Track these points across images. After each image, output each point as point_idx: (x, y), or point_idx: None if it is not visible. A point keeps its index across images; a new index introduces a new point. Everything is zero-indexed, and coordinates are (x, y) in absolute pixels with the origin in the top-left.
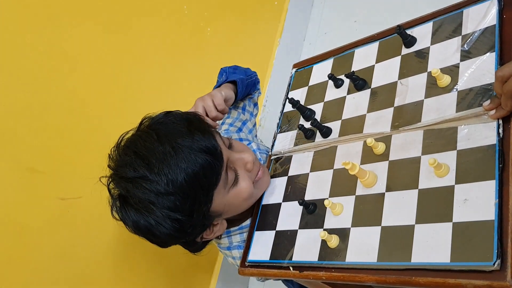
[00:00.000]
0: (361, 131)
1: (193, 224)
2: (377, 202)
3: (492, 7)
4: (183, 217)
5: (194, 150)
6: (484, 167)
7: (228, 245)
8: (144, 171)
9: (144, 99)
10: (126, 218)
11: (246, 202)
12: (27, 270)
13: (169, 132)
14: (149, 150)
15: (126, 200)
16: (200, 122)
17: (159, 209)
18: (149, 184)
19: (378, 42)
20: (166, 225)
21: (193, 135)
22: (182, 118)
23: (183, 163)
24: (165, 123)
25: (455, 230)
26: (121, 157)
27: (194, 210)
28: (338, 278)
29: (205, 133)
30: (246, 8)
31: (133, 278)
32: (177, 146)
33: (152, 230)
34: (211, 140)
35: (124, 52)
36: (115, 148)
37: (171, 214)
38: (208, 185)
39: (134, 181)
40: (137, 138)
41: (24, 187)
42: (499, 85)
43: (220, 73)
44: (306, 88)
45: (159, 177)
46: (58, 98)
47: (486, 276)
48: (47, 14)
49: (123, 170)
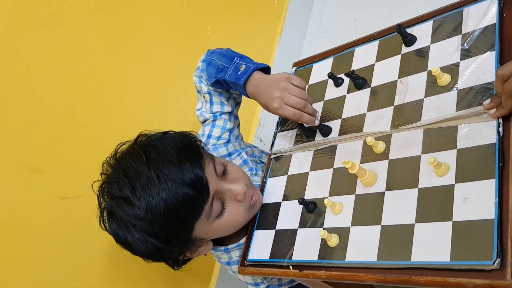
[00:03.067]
0: (361, 130)
1: (170, 250)
2: (377, 201)
3: (492, 5)
4: (160, 244)
5: (177, 182)
6: (484, 166)
7: (228, 260)
8: (127, 192)
9: (144, 98)
10: (108, 229)
11: (232, 230)
12: (26, 269)
13: (157, 158)
14: (135, 172)
15: (111, 214)
16: (192, 150)
17: (138, 231)
18: (130, 208)
19: (378, 41)
20: (143, 246)
21: (181, 165)
22: (174, 145)
23: (164, 193)
24: (156, 147)
25: (455, 229)
26: (112, 172)
27: (172, 239)
28: (338, 277)
29: (194, 164)
30: (246, 7)
31: (131, 278)
32: (162, 176)
33: (131, 246)
34: (198, 171)
35: (123, 51)
36: (110, 159)
37: (148, 238)
38: (188, 218)
39: (118, 200)
40: (128, 155)
41: (24, 186)
42: (499, 84)
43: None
44: (306, 87)
45: (140, 202)
46: (58, 97)
47: (486, 275)
48: (47, 14)
49: (111, 187)
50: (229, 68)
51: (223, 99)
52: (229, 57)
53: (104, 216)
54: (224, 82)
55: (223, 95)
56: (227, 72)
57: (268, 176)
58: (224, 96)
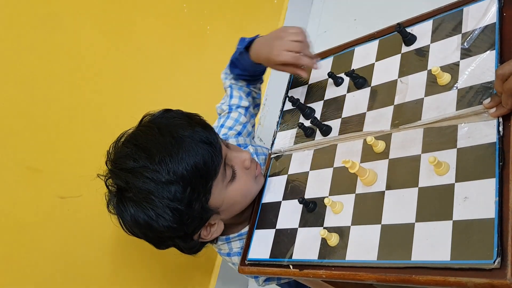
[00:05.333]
0: (361, 129)
1: (192, 215)
2: (377, 201)
3: (492, 5)
4: (182, 207)
5: (195, 140)
6: (484, 165)
7: (228, 251)
8: (144, 161)
9: (144, 98)
10: (123, 213)
11: (244, 200)
12: (26, 268)
13: (170, 124)
14: (150, 141)
15: (125, 194)
16: (200, 119)
17: (159, 199)
18: (150, 173)
19: (378, 40)
20: (166, 215)
21: (194, 127)
22: (182, 114)
23: (184, 153)
24: (166, 118)
25: (455, 228)
26: (121, 150)
27: (193, 200)
28: (338, 276)
29: (205, 127)
30: (246, 6)
31: (132, 276)
32: (179, 137)
33: (151, 223)
34: (211, 133)
35: (123, 51)
36: (115, 144)
37: (170, 203)
38: (207, 176)
39: (134, 171)
40: (137, 132)
41: (24, 186)
42: (499, 83)
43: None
44: (306, 87)
45: (160, 166)
46: (57, 97)
47: (486, 274)
48: (47, 14)
49: (122, 161)
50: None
51: (242, 93)
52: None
53: (115, 202)
54: (237, 61)
55: (242, 89)
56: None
57: (268, 176)
58: (243, 91)
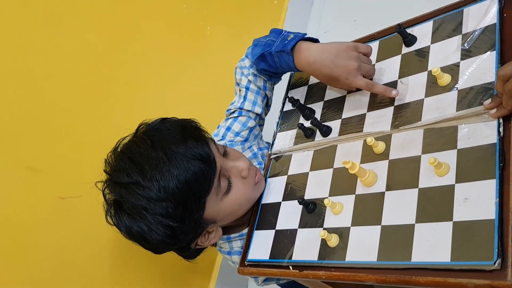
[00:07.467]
0: (361, 130)
1: (185, 231)
2: (377, 201)
3: (493, 5)
4: (175, 223)
5: (187, 157)
6: (485, 166)
7: (229, 250)
8: (137, 177)
9: (144, 98)
10: (119, 224)
11: (242, 207)
12: (26, 269)
13: (163, 138)
14: (143, 156)
15: (120, 206)
16: (194, 129)
17: (151, 215)
18: (141, 190)
19: (378, 41)
20: (158, 231)
21: (187, 142)
22: (177, 125)
23: (175, 170)
24: (160, 130)
25: (456, 229)
26: (117, 163)
27: (186, 217)
28: (338, 277)
29: (199, 140)
30: (246, 7)
31: (131, 277)
32: (170, 153)
33: (145, 236)
34: (204, 147)
35: (123, 51)
36: (112, 153)
37: (163, 220)
38: (200, 192)
39: (127, 186)
40: (132, 144)
41: (24, 186)
42: (501, 84)
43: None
44: (306, 87)
45: (151, 183)
46: (57, 97)
47: (487, 275)
48: (47, 14)
49: (117, 175)
50: (277, 40)
51: (258, 99)
52: (278, 32)
53: (112, 212)
54: (270, 56)
55: (259, 92)
56: (275, 44)
57: (268, 176)
58: (260, 95)
